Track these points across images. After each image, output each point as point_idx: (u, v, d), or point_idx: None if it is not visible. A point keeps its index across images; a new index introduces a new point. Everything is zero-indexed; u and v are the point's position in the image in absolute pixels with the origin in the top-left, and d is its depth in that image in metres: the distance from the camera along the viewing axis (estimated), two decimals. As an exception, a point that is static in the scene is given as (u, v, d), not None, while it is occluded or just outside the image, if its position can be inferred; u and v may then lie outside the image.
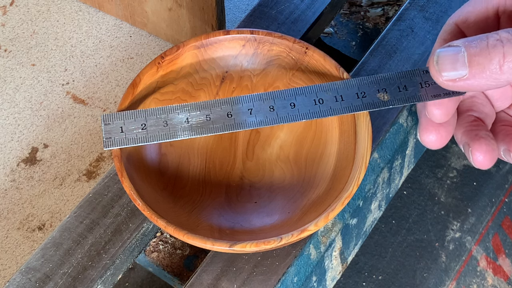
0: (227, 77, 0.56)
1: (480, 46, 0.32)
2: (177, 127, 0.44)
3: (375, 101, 0.39)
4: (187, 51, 0.54)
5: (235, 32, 0.54)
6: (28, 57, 0.87)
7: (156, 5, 0.84)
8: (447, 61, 0.34)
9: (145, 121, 0.44)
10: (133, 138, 0.44)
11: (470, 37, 0.34)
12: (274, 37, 0.54)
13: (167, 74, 0.54)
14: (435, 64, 0.34)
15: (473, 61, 0.33)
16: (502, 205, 0.90)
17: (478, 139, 0.36)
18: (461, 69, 0.33)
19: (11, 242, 0.73)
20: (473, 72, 0.33)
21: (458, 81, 0.33)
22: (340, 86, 0.40)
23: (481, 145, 0.36)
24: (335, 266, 0.58)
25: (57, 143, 0.79)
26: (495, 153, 0.37)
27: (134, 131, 0.44)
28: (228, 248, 0.45)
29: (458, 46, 0.33)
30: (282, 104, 0.44)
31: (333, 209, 0.46)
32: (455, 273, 0.84)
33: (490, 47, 0.32)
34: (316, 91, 0.42)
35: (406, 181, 0.90)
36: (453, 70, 0.33)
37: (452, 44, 0.34)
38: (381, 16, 1.08)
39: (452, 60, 0.33)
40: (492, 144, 0.36)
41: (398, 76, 0.38)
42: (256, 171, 0.55)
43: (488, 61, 0.32)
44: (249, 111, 0.43)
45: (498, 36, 0.32)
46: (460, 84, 0.33)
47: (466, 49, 0.33)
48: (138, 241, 0.54)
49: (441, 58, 0.34)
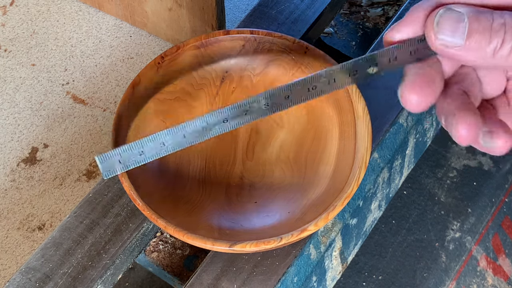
0: (227, 77, 0.56)
1: (483, 25, 0.32)
2: (175, 146, 0.44)
3: (363, 75, 0.39)
4: (187, 51, 0.54)
5: (235, 32, 0.54)
6: (28, 57, 0.87)
7: (156, 5, 0.84)
8: (447, 25, 0.33)
9: (142, 148, 0.43)
10: (132, 163, 0.43)
11: (474, 7, 0.33)
12: (274, 37, 0.54)
13: (167, 74, 0.54)
14: (435, 24, 0.34)
15: (473, 36, 0.32)
16: (502, 205, 0.90)
17: (466, 110, 0.35)
18: (459, 38, 0.33)
19: (11, 242, 0.73)
20: (468, 46, 0.33)
21: (450, 48, 0.33)
22: (335, 70, 0.39)
23: (467, 116, 0.34)
24: (335, 266, 0.58)
25: (57, 143, 0.79)
26: (479, 130, 0.35)
27: (132, 158, 0.43)
28: (228, 248, 0.45)
29: (461, 14, 0.33)
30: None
31: (333, 209, 0.46)
32: (455, 273, 0.84)
33: (492, 30, 0.32)
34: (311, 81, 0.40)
35: (406, 181, 0.90)
36: (450, 37, 0.33)
37: (456, 9, 0.33)
38: (381, 16, 1.08)
39: (452, 27, 0.33)
40: (478, 120, 0.34)
41: (393, 49, 0.37)
42: (256, 171, 0.55)
43: (486, 42, 0.32)
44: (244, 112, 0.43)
45: (503, 20, 0.32)
46: (451, 51, 0.33)
47: (469, 21, 0.33)
48: (138, 241, 0.54)
49: (442, 20, 0.33)
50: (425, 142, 0.66)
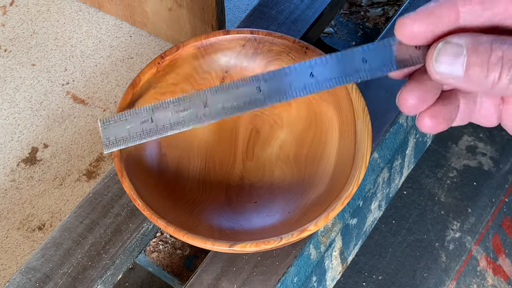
0: (227, 77, 0.56)
1: (481, 58, 0.33)
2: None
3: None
4: (187, 51, 0.54)
5: (235, 32, 0.54)
6: (28, 57, 0.87)
7: (156, 5, 0.84)
8: (446, 60, 0.34)
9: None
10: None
11: (474, 37, 0.33)
12: (274, 37, 0.54)
13: (167, 74, 0.54)
14: (433, 59, 0.34)
15: (471, 70, 0.33)
16: (502, 205, 0.90)
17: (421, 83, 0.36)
18: (458, 71, 0.33)
19: (11, 242, 0.73)
20: (467, 79, 0.33)
21: (449, 79, 0.34)
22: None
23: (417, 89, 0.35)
24: (335, 266, 0.58)
25: (57, 143, 0.79)
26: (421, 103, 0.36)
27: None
28: (228, 248, 0.45)
29: (460, 46, 0.33)
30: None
31: (333, 209, 0.46)
32: (455, 273, 0.84)
33: (490, 63, 0.32)
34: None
35: (406, 181, 0.90)
36: (449, 70, 0.34)
37: (455, 41, 0.34)
38: (381, 16, 1.08)
39: (451, 61, 0.34)
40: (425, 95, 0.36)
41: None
42: (256, 171, 0.55)
43: (484, 76, 0.33)
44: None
45: (501, 53, 0.32)
46: (450, 82, 0.34)
47: (468, 53, 0.33)
48: (138, 241, 0.54)
49: (441, 54, 0.34)
50: (425, 142, 0.66)
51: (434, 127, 0.36)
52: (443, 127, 0.36)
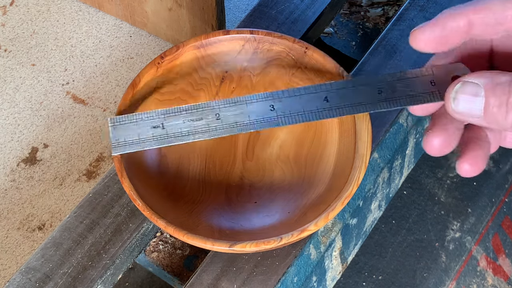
0: (227, 77, 0.56)
1: (500, 100, 0.33)
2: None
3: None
4: (187, 51, 0.54)
5: (235, 32, 0.54)
6: (28, 57, 0.87)
7: (156, 5, 0.84)
8: (465, 100, 0.34)
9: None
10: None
11: (493, 76, 0.33)
12: (274, 37, 0.54)
13: (167, 74, 0.54)
14: (452, 98, 0.35)
15: (489, 111, 0.33)
16: (502, 205, 0.90)
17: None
18: (476, 111, 0.34)
19: (11, 242, 0.73)
20: (486, 119, 0.33)
21: (468, 118, 0.34)
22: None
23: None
24: (335, 266, 0.58)
25: (57, 143, 0.79)
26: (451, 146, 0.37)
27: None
28: (228, 248, 0.45)
29: (478, 86, 0.33)
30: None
31: (333, 209, 0.46)
32: (455, 273, 0.84)
33: (509, 104, 0.32)
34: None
35: (406, 181, 0.90)
36: (468, 109, 0.34)
37: (472, 80, 0.34)
38: (381, 16, 1.08)
39: (469, 102, 0.34)
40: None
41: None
42: (256, 171, 0.55)
43: (503, 117, 0.33)
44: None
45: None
46: (469, 120, 0.34)
47: (486, 94, 0.33)
48: (138, 241, 0.54)
49: (459, 95, 0.34)
50: (425, 142, 0.66)
51: (475, 171, 0.37)
52: (481, 167, 0.37)
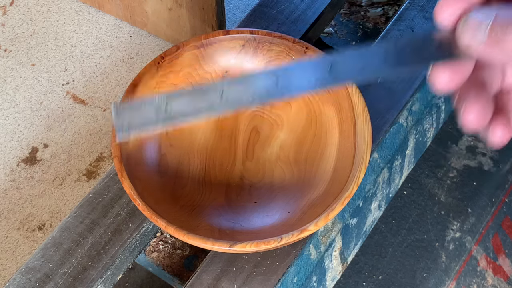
0: (227, 77, 0.56)
1: (507, 20, 0.33)
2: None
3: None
4: (187, 51, 0.54)
5: (235, 32, 0.54)
6: (28, 57, 0.87)
7: (156, 5, 0.84)
8: (471, 26, 0.35)
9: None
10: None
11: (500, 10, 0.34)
12: (274, 37, 0.54)
13: (167, 74, 0.54)
14: (461, 24, 0.35)
15: (494, 31, 0.34)
16: (502, 205, 0.90)
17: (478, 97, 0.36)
18: (481, 36, 0.34)
19: (11, 242, 0.73)
20: (490, 43, 0.34)
21: (473, 46, 0.34)
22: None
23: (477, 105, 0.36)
24: (335, 266, 0.58)
25: (57, 143, 0.79)
26: (484, 120, 0.36)
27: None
28: (228, 248, 0.45)
29: (488, 14, 0.34)
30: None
31: (333, 209, 0.46)
32: (455, 273, 0.84)
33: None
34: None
35: (406, 181, 0.90)
36: (472, 35, 0.34)
37: (483, 10, 0.35)
38: (381, 16, 1.08)
39: (476, 26, 0.34)
40: (487, 111, 0.36)
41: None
42: (256, 171, 0.55)
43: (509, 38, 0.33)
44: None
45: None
46: (474, 50, 0.35)
47: (493, 19, 0.34)
48: (138, 241, 0.54)
49: (467, 22, 0.35)
50: (425, 142, 0.66)
51: (480, 122, 0.36)
52: (486, 118, 0.37)
